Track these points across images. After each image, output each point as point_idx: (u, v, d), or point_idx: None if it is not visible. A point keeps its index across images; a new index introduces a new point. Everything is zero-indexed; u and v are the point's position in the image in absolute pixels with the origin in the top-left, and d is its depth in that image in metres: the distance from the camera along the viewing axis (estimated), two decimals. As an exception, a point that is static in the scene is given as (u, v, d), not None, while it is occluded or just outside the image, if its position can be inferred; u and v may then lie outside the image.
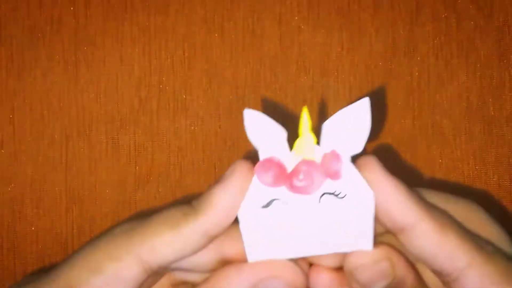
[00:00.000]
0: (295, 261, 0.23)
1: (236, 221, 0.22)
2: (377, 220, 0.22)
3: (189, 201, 0.23)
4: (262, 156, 0.22)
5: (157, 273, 0.23)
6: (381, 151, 0.37)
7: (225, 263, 0.23)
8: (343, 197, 0.22)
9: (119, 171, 0.37)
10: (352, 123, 0.22)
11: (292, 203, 0.22)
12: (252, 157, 0.23)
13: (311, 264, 0.24)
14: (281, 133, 0.22)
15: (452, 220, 0.22)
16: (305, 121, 0.22)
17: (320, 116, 0.37)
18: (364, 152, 0.23)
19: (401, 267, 0.22)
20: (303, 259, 0.24)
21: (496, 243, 0.23)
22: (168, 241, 0.22)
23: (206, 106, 0.37)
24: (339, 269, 0.24)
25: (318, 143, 0.23)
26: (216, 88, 0.37)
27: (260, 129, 0.22)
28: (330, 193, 0.22)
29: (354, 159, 0.23)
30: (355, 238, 0.22)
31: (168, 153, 0.37)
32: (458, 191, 0.25)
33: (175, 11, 0.37)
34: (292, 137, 0.23)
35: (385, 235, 0.24)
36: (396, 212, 0.22)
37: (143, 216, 0.24)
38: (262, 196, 0.22)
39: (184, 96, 0.37)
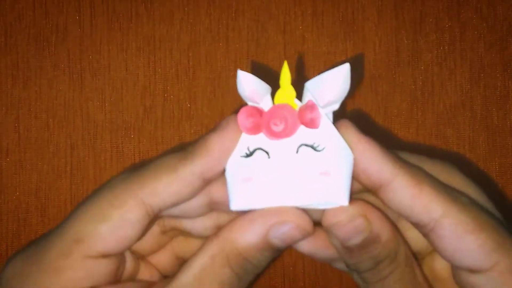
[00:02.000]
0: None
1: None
2: (355, 179, 0.23)
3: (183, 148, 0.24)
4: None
5: (156, 218, 0.24)
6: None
7: (213, 206, 0.24)
8: (321, 150, 0.22)
9: (123, 180, 0.37)
10: (333, 83, 0.23)
11: (272, 151, 0.23)
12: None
13: None
14: (266, 88, 0.23)
15: (426, 174, 0.23)
16: (286, 74, 0.23)
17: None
18: (341, 111, 0.24)
19: (377, 223, 0.23)
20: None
21: (473, 198, 0.24)
22: (168, 184, 0.22)
23: (210, 115, 0.37)
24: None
25: (300, 99, 0.23)
26: (220, 97, 0.37)
27: (248, 84, 0.23)
28: (308, 145, 0.22)
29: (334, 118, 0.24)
30: (332, 193, 0.22)
31: (172, 162, 0.37)
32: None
33: (179, 20, 0.37)
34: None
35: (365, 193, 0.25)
36: (372, 169, 0.22)
37: (136, 168, 0.24)
38: (247, 146, 0.23)
39: (189, 105, 0.37)
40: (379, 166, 0.22)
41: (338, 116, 0.24)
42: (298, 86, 0.24)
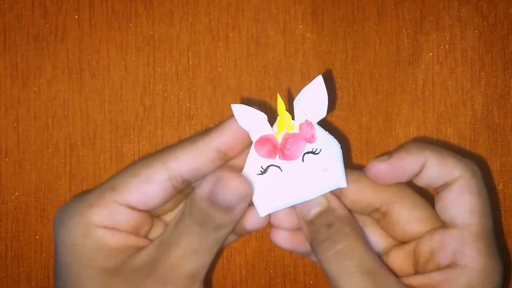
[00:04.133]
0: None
1: None
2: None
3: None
4: (253, 136, 0.29)
5: (178, 187, 0.29)
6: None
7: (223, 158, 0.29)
8: (319, 152, 0.29)
9: (123, 180, 0.36)
10: (314, 96, 0.28)
11: (284, 166, 0.29)
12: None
13: None
14: (262, 116, 0.28)
15: (445, 149, 0.29)
16: (281, 104, 0.29)
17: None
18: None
19: (334, 201, 0.29)
20: None
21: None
22: (188, 152, 0.28)
23: (210, 115, 0.37)
24: None
25: (293, 118, 0.29)
26: (220, 96, 0.37)
27: (246, 116, 0.28)
28: (309, 152, 0.28)
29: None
30: (333, 182, 0.29)
31: (172, 162, 0.37)
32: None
33: (179, 20, 0.37)
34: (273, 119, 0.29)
35: None
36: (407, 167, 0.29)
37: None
38: (260, 165, 0.28)
39: (189, 105, 0.37)
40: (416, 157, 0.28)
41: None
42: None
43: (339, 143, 0.29)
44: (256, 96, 0.37)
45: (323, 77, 0.28)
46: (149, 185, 0.28)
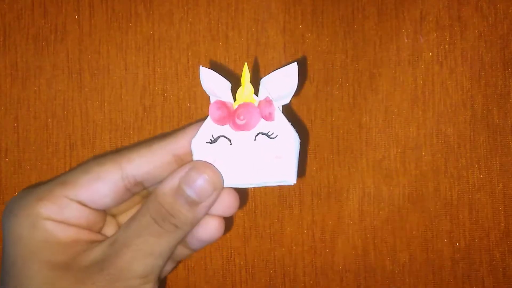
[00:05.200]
0: None
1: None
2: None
3: None
4: (212, 99, 0.28)
5: (131, 189, 0.29)
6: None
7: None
8: (274, 137, 0.27)
9: (123, 180, 0.36)
10: (284, 81, 0.27)
11: (234, 139, 0.28)
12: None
13: None
14: (226, 84, 0.28)
15: None
16: (246, 74, 0.28)
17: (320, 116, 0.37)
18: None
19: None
20: None
21: None
22: (142, 154, 0.28)
23: (210, 115, 0.37)
24: None
25: (256, 94, 0.28)
26: (220, 96, 0.37)
27: (211, 80, 0.28)
28: (264, 134, 0.27)
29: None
30: (284, 174, 0.27)
31: (172, 162, 0.37)
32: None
33: (179, 20, 0.37)
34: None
35: None
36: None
37: None
38: (211, 133, 0.28)
39: (188, 105, 0.37)
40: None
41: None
42: (255, 82, 0.28)
43: (299, 138, 0.28)
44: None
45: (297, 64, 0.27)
46: (99, 183, 0.28)
